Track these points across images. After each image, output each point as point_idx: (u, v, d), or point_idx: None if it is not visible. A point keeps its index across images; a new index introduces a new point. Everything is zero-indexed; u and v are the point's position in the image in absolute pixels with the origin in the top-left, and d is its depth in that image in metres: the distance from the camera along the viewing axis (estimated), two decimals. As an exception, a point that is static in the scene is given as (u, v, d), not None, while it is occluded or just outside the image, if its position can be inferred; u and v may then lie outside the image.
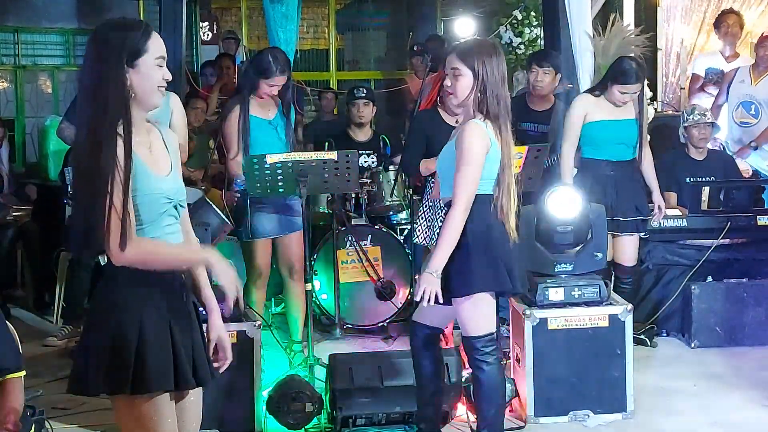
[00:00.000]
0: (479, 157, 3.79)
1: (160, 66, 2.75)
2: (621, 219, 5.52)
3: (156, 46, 2.74)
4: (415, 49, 9.30)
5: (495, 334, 4.01)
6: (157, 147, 2.83)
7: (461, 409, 4.58)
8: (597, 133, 5.54)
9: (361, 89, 6.64)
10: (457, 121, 4.95)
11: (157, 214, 2.76)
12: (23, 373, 3.72)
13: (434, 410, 4.25)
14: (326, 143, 6.40)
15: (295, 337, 5.63)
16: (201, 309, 2.94)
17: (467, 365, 4.17)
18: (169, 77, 2.78)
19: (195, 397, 2.94)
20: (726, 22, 7.43)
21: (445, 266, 3.83)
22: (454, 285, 3.85)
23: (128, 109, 2.69)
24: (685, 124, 6.38)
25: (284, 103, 5.46)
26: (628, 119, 5.56)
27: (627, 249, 5.66)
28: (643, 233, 5.72)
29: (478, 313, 3.92)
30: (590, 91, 5.72)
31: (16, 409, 3.51)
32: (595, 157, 5.59)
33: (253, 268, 5.42)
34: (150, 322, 2.72)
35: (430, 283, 3.76)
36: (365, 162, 6.50)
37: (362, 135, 6.54)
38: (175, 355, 2.76)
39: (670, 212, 6.03)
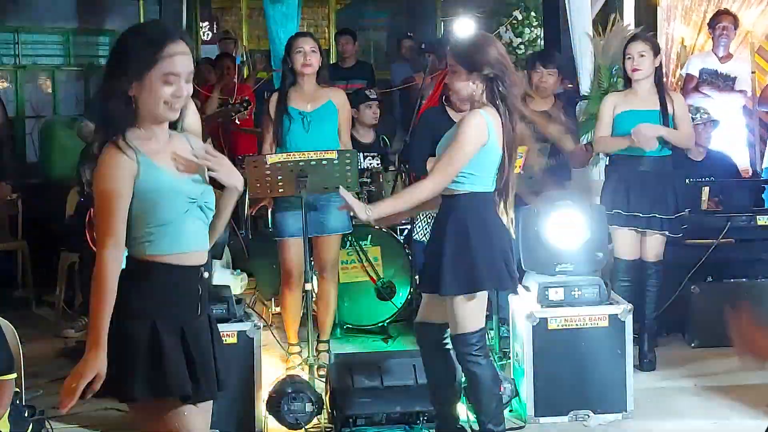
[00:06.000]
0: (473, 143, 3.81)
1: (168, 83, 2.69)
2: (641, 215, 5.38)
3: (168, 63, 2.67)
4: (422, 47, 9.30)
5: (485, 330, 4.02)
6: (181, 153, 2.83)
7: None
8: (623, 124, 5.38)
9: (373, 91, 6.66)
10: None
11: (178, 214, 2.75)
12: (14, 375, 3.72)
13: (452, 408, 4.19)
14: None
15: (322, 338, 5.56)
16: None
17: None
18: (181, 94, 2.71)
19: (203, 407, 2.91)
20: (721, 23, 7.39)
21: (446, 261, 3.85)
22: (458, 281, 3.85)
23: (126, 121, 2.71)
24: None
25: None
26: (655, 110, 5.36)
27: (649, 246, 5.49)
28: (669, 231, 5.45)
29: (474, 309, 3.93)
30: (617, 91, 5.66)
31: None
32: (623, 153, 5.44)
33: (282, 268, 5.42)
34: (162, 331, 2.72)
35: (361, 209, 3.79)
36: (370, 164, 6.47)
37: (367, 137, 6.51)
38: (190, 364, 2.76)
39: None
